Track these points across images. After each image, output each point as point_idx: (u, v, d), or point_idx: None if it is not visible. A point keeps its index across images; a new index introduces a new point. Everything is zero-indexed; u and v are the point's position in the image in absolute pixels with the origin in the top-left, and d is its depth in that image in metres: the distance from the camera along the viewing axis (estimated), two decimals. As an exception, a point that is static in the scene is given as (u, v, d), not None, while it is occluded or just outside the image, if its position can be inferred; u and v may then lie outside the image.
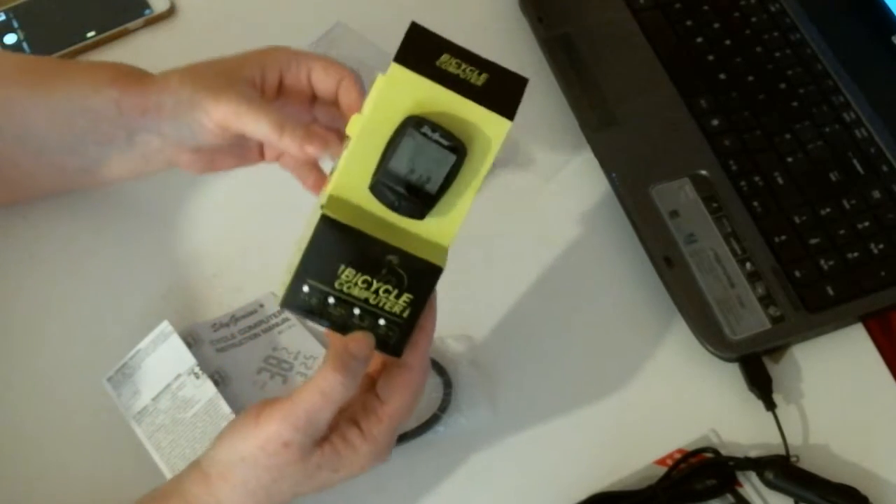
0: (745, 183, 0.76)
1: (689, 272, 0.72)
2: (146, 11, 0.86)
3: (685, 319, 0.71)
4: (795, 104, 0.80)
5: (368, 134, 0.54)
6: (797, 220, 0.75)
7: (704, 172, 0.77)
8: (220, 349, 0.70)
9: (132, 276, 0.74)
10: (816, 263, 0.73)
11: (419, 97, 0.54)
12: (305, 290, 0.55)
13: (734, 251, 0.73)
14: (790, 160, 0.77)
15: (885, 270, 0.73)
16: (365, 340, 0.56)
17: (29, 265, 0.74)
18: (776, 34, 0.84)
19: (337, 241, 0.54)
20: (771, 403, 0.68)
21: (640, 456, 0.67)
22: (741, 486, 0.66)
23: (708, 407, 0.70)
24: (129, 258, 0.75)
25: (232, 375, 0.69)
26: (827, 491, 0.65)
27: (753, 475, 0.66)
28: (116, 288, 0.73)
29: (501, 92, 0.55)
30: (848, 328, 0.72)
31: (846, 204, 0.75)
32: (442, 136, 0.54)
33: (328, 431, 0.57)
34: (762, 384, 0.69)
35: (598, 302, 0.74)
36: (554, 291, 0.74)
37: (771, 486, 0.65)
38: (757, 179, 0.76)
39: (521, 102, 0.55)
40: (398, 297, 0.55)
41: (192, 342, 0.70)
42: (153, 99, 0.65)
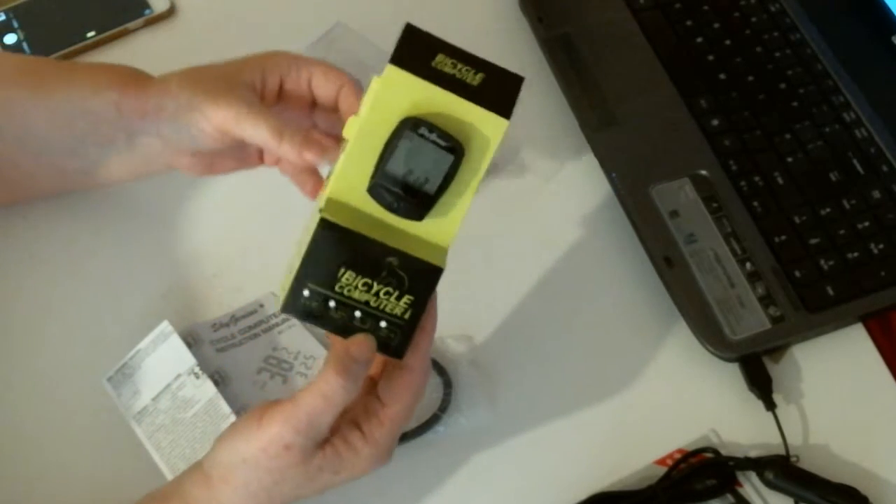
0: (745, 183, 0.76)
1: (689, 272, 0.72)
2: (146, 11, 0.86)
3: (685, 319, 0.71)
4: (795, 104, 0.80)
5: (365, 136, 0.54)
6: (797, 220, 0.75)
7: (704, 172, 0.77)
8: (220, 349, 0.70)
9: (132, 276, 0.74)
10: (816, 263, 0.73)
11: (415, 98, 0.54)
12: (306, 294, 0.55)
13: (734, 251, 0.73)
14: (790, 160, 0.77)
15: (885, 270, 0.73)
16: (366, 343, 0.56)
17: (29, 265, 0.74)
18: (776, 34, 0.84)
19: (336, 244, 0.54)
20: (771, 403, 0.68)
21: (640, 456, 0.67)
22: (741, 486, 0.66)
23: (708, 407, 0.70)
24: (129, 258, 0.75)
25: (232, 375, 0.69)
26: (827, 491, 0.65)
27: (753, 475, 0.66)
28: (116, 288, 0.73)
29: (498, 91, 0.54)
30: (848, 328, 0.72)
31: (846, 204, 0.75)
32: (439, 136, 0.53)
33: (330, 434, 0.57)
34: (762, 384, 0.69)
35: (598, 302, 0.74)
36: (554, 291, 0.74)
37: (771, 486, 0.65)
38: (757, 179, 0.76)
39: (517, 101, 0.55)
40: (399, 298, 0.55)
41: (192, 342, 0.70)
42: (153, 101, 0.65)
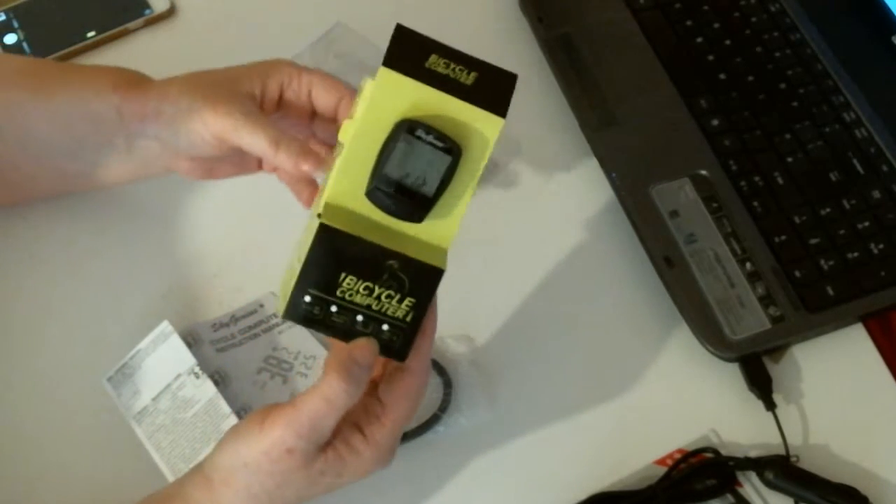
0: (745, 183, 0.76)
1: (689, 272, 0.72)
2: (146, 11, 0.86)
3: (685, 319, 0.71)
4: (795, 104, 0.80)
5: (361, 139, 0.54)
6: (797, 220, 0.75)
7: (704, 172, 0.77)
8: (220, 349, 0.70)
9: (132, 276, 0.74)
10: (816, 263, 0.73)
11: (410, 100, 0.53)
12: (307, 300, 0.55)
13: (734, 251, 0.73)
14: (790, 160, 0.77)
15: (885, 270, 0.73)
16: (368, 347, 0.56)
17: (29, 265, 0.74)
18: (776, 34, 0.84)
19: (336, 249, 0.54)
20: (771, 403, 0.68)
21: (640, 456, 0.67)
22: (741, 486, 0.66)
23: (708, 407, 0.70)
24: (129, 258, 0.75)
25: (232, 375, 0.69)
26: (827, 491, 0.65)
27: (753, 475, 0.66)
28: (116, 288, 0.73)
29: (492, 90, 0.54)
30: (848, 328, 0.72)
31: (846, 204, 0.75)
32: (436, 138, 0.53)
33: (331, 436, 0.56)
34: (762, 384, 0.69)
35: (598, 302, 0.74)
36: (554, 291, 0.74)
37: (771, 486, 0.65)
38: (757, 179, 0.76)
39: (512, 99, 0.54)
40: (400, 301, 0.55)
41: (192, 342, 0.70)
42: (152, 105, 0.65)
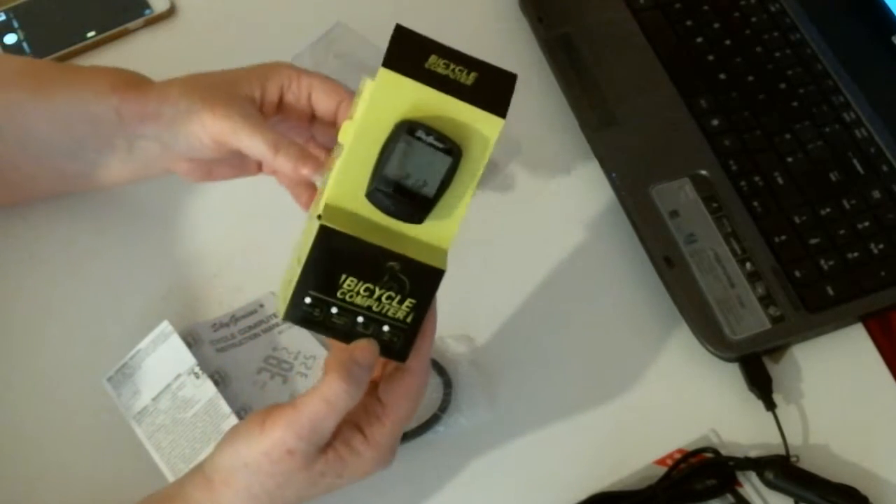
0: (745, 183, 0.76)
1: (689, 272, 0.72)
2: (146, 11, 0.86)
3: (685, 319, 0.71)
4: (795, 104, 0.80)
5: (361, 141, 0.54)
6: (797, 220, 0.75)
7: (704, 172, 0.77)
8: (220, 349, 0.70)
9: (132, 276, 0.74)
10: (816, 263, 0.73)
11: (410, 101, 0.53)
12: (308, 301, 0.55)
13: (734, 251, 0.73)
14: (790, 160, 0.77)
15: (885, 270, 0.73)
16: (369, 348, 0.56)
17: (29, 266, 0.74)
18: (776, 34, 0.84)
19: (337, 250, 0.54)
20: (771, 403, 0.68)
21: (640, 456, 0.67)
22: (741, 486, 0.66)
23: (708, 407, 0.70)
24: (129, 258, 0.75)
25: (232, 375, 0.69)
26: (827, 491, 0.65)
27: (753, 475, 0.66)
28: (117, 288, 0.73)
29: (492, 90, 0.54)
30: (848, 328, 0.72)
31: (846, 204, 0.75)
32: (436, 139, 0.53)
33: (332, 437, 0.56)
34: (762, 384, 0.69)
35: (598, 302, 0.74)
36: (554, 291, 0.74)
37: (771, 486, 0.65)
38: (757, 179, 0.76)
39: (511, 99, 0.54)
40: (401, 302, 0.55)
41: (192, 342, 0.70)
42: (152, 107, 0.65)
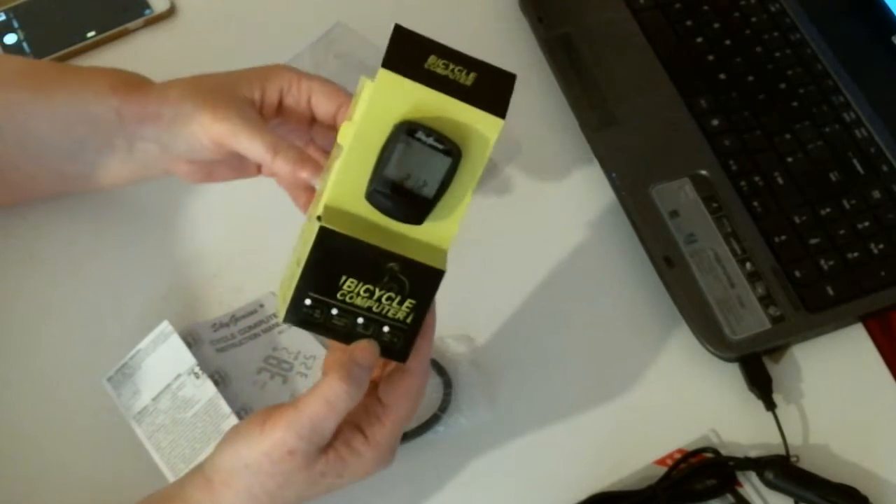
0: (745, 183, 0.76)
1: (689, 272, 0.72)
2: (146, 11, 0.86)
3: (685, 319, 0.71)
4: (795, 104, 0.80)
5: (361, 142, 0.54)
6: (797, 220, 0.75)
7: (704, 172, 0.77)
8: (220, 349, 0.70)
9: (132, 276, 0.74)
10: (816, 263, 0.73)
11: (410, 102, 0.53)
12: (308, 303, 0.55)
13: (734, 251, 0.73)
14: (790, 160, 0.77)
15: (885, 270, 0.73)
16: (369, 349, 0.56)
17: (29, 265, 0.74)
18: (776, 34, 0.84)
19: (337, 252, 0.54)
20: (771, 403, 0.68)
21: (640, 456, 0.67)
22: (741, 486, 0.66)
23: (708, 407, 0.70)
24: (129, 258, 0.75)
25: (232, 375, 0.69)
26: (827, 491, 0.65)
27: (753, 475, 0.66)
28: (116, 288, 0.73)
29: (491, 90, 0.54)
30: (848, 328, 0.72)
31: (846, 204, 0.75)
32: (436, 139, 0.53)
33: (332, 438, 0.56)
34: (762, 384, 0.69)
35: (598, 302, 0.74)
36: (554, 291, 0.74)
37: (771, 486, 0.65)
38: (757, 179, 0.76)
39: (511, 99, 0.54)
40: (401, 303, 0.55)
41: (192, 342, 0.70)
42: (152, 108, 0.65)
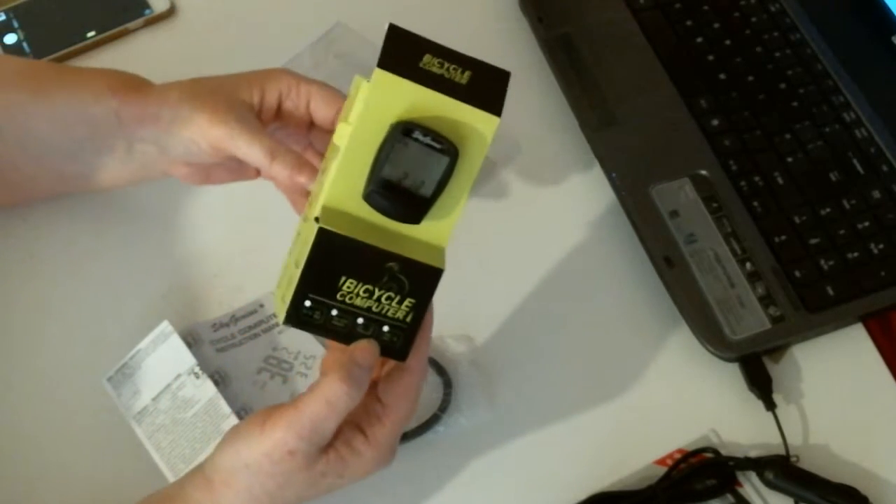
0: (745, 183, 0.76)
1: (689, 272, 0.72)
2: (146, 11, 0.86)
3: (685, 319, 0.71)
4: (795, 104, 0.80)
5: (357, 142, 0.54)
6: (797, 220, 0.75)
7: (704, 172, 0.77)
8: (220, 349, 0.70)
9: (132, 276, 0.74)
10: (816, 263, 0.73)
11: (406, 101, 0.53)
12: (307, 304, 0.55)
13: (734, 251, 0.73)
14: (790, 160, 0.77)
15: (885, 270, 0.73)
16: (369, 349, 0.56)
17: (29, 266, 0.74)
18: (776, 34, 0.84)
19: (336, 252, 0.54)
20: (771, 403, 0.68)
21: (640, 456, 0.67)
22: (741, 486, 0.66)
23: (708, 407, 0.70)
24: (129, 258, 0.75)
25: (232, 375, 0.69)
26: (827, 491, 0.65)
27: (753, 475, 0.66)
28: (116, 288, 0.73)
29: (486, 88, 0.54)
30: (848, 328, 0.72)
31: (846, 204, 0.75)
32: (433, 139, 0.53)
33: (332, 438, 0.56)
34: (762, 384, 0.69)
35: (597, 302, 0.74)
36: (554, 291, 0.74)
37: (771, 486, 0.65)
38: (757, 179, 0.76)
39: (506, 96, 0.54)
40: (400, 302, 0.55)
41: (192, 342, 0.70)
42: (151, 110, 0.65)
